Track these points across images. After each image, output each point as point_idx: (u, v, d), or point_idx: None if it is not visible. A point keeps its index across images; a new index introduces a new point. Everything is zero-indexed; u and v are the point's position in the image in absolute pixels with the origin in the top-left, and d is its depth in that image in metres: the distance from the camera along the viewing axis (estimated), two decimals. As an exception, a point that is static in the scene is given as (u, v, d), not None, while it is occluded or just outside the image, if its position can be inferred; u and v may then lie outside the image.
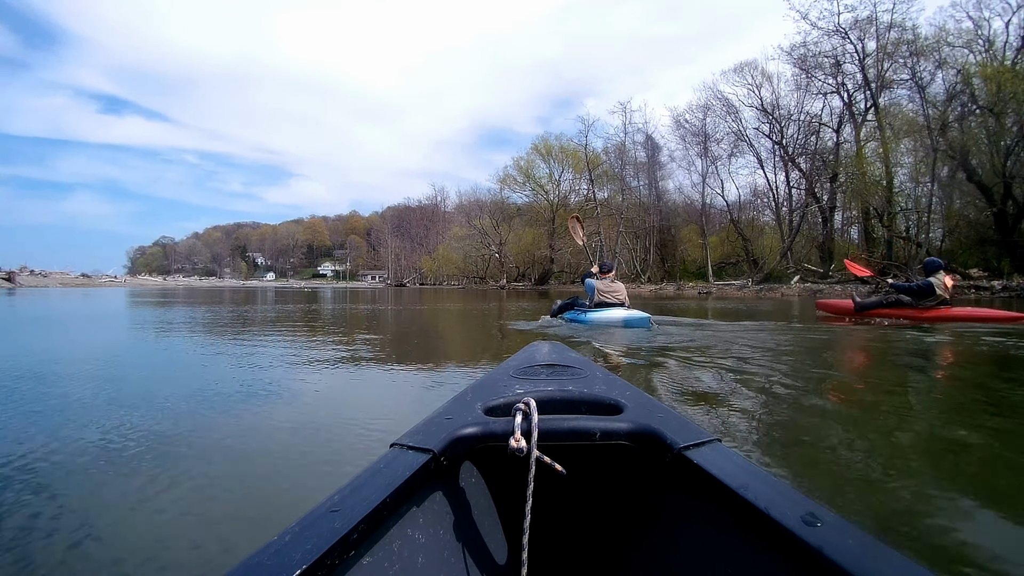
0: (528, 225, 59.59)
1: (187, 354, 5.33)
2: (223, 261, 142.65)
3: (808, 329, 7.37)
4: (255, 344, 6.11)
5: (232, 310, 12.95)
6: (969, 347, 5.44)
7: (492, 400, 1.07)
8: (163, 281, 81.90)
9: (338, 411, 2.92)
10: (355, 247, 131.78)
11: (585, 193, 53.20)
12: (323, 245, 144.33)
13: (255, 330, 7.97)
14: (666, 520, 0.86)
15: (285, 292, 31.96)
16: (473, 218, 65.85)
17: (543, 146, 57.93)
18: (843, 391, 3.44)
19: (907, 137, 29.31)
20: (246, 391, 3.27)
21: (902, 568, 0.56)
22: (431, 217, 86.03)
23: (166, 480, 1.79)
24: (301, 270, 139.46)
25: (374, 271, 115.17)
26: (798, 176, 37.28)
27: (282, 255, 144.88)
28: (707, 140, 42.25)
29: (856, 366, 4.64)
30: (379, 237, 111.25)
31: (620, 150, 47.43)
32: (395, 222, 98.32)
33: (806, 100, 35.78)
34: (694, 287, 34.70)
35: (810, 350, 5.34)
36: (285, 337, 6.94)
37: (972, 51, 28.14)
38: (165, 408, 2.82)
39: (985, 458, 2.06)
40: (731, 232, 43.59)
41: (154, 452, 2.08)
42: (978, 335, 6.18)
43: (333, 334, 7.57)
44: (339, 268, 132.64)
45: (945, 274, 7.91)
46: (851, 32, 31.36)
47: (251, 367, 4.28)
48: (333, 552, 0.62)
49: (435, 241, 78.76)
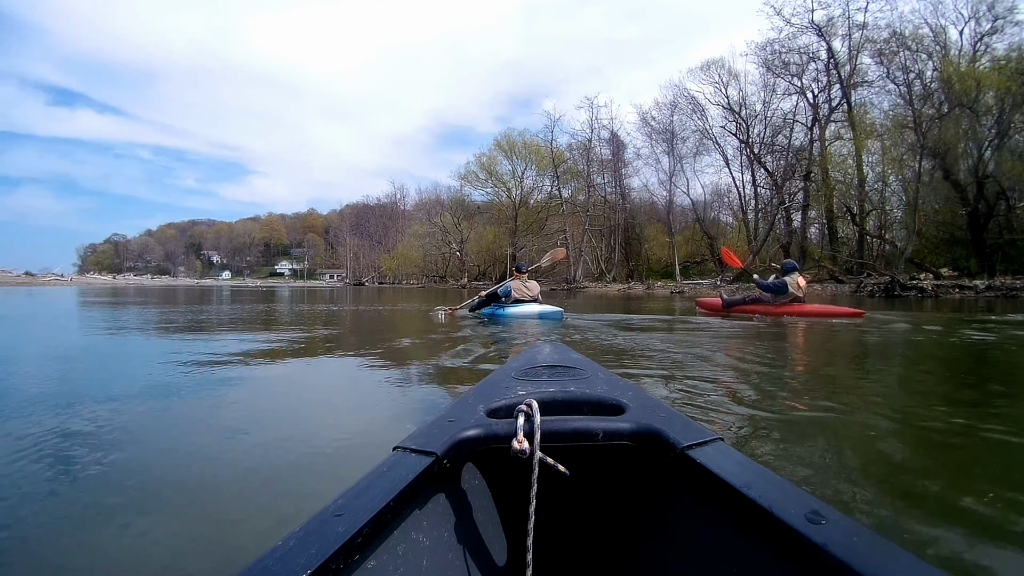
0: (490, 223, 56.94)
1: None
2: (177, 259, 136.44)
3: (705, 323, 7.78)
4: (191, 352, 4.86)
5: (181, 312, 10.88)
6: (907, 338, 6.02)
7: (494, 402, 1.05)
8: (112, 280, 77.10)
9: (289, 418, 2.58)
10: (313, 245, 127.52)
11: (548, 190, 51.01)
12: (280, 243, 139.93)
13: (201, 336, 6.36)
14: (670, 520, 0.85)
15: (241, 291, 29.83)
16: (434, 215, 63.58)
17: (506, 142, 55.19)
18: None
19: (881, 135, 28.10)
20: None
21: (908, 566, 0.55)
22: (390, 215, 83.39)
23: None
24: (258, 269, 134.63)
25: (333, 270, 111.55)
26: (764, 175, 36.00)
27: (238, 253, 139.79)
28: (674, 138, 40.65)
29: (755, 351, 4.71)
30: (337, 235, 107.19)
31: (585, 147, 45.21)
32: (354, 220, 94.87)
33: (775, 98, 34.55)
34: (663, 286, 32.80)
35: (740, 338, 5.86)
36: (234, 342, 5.73)
37: (932, 57, 27.41)
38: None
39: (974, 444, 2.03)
40: (696, 231, 42.08)
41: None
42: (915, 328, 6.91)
43: (286, 341, 6.21)
44: (297, 267, 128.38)
45: (799, 275, 8.87)
46: (825, 29, 30.09)
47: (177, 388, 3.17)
48: (337, 556, 0.61)
49: (394, 239, 76.45)
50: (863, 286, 21.95)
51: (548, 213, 50.15)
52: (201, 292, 27.13)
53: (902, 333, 6.47)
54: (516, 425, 0.86)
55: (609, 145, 45.71)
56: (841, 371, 3.99)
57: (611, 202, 45.62)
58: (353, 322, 8.90)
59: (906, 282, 20.11)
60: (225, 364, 3.98)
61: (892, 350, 5.18)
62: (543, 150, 50.06)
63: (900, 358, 4.70)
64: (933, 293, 19.33)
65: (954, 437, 2.10)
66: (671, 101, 40.18)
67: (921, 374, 3.90)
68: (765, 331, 6.55)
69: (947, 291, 19.98)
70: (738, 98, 36.42)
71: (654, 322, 8.02)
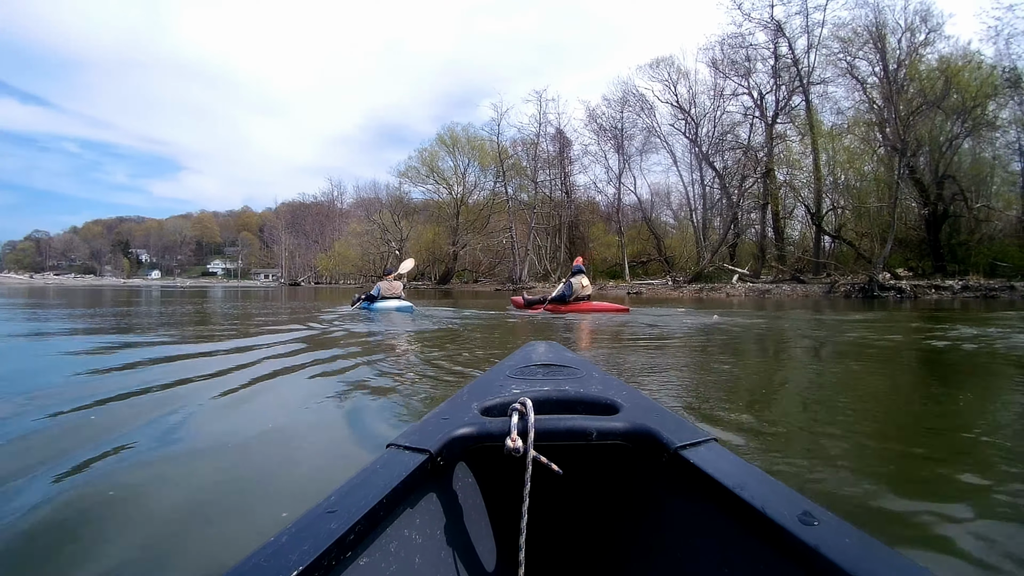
0: (430, 221, 52.59)
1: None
2: (103, 258, 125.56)
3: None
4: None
5: (92, 316, 8.40)
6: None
7: (488, 400, 1.01)
8: (30, 279, 67.98)
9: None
10: (247, 244, 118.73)
11: (492, 187, 47.32)
12: (213, 242, 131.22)
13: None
14: (663, 519, 0.82)
15: (171, 292, 26.12)
16: (372, 213, 59.01)
17: (449, 137, 50.47)
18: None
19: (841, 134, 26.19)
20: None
21: (899, 566, 0.54)
22: (327, 214, 77.54)
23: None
24: (189, 268, 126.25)
25: (267, 269, 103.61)
26: (712, 175, 33.88)
27: (169, 252, 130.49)
28: (622, 136, 38.02)
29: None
30: (273, 234, 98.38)
31: (532, 143, 41.79)
32: (290, 218, 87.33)
33: (724, 97, 32.31)
34: (615, 286, 29.83)
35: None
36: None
37: (871, 65, 26.06)
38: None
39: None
40: (643, 230, 39.51)
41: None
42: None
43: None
44: (230, 266, 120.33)
45: (583, 277, 9.82)
46: (784, 25, 28.02)
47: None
48: (330, 553, 0.60)
49: (331, 238, 70.97)
50: (837, 286, 19.63)
51: (492, 211, 46.53)
52: (129, 293, 23.17)
53: (643, 324, 6.94)
54: (510, 423, 0.83)
55: (555, 142, 42.56)
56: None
57: (556, 200, 42.49)
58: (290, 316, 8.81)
59: (885, 283, 17.90)
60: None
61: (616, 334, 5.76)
62: (487, 146, 46.07)
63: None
64: (912, 294, 17.55)
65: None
66: (620, 98, 37.57)
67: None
68: (515, 322, 7.59)
69: (924, 291, 17.96)
70: (688, 96, 34.15)
71: (479, 315, 9.09)
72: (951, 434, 2.01)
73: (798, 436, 1.92)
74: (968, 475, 1.52)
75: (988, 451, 1.77)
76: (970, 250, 23.73)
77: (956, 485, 1.47)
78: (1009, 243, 23.36)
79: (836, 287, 19.44)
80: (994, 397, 2.84)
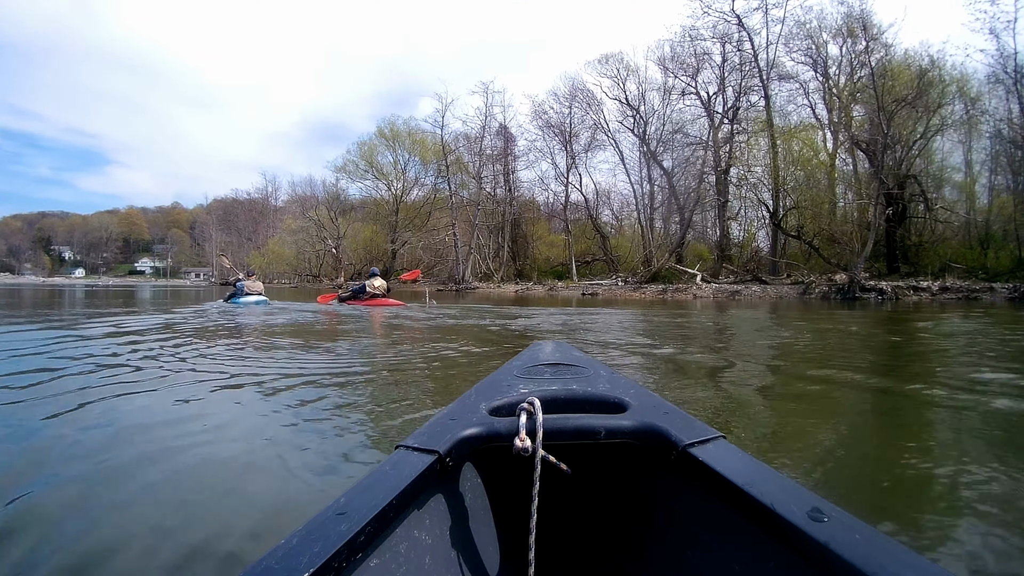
0: (368, 219, 47.75)
1: None
2: (23, 255, 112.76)
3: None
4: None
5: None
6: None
7: (496, 400, 0.98)
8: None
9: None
10: (177, 242, 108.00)
11: (433, 184, 43.10)
12: (141, 239, 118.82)
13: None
14: (672, 518, 0.80)
15: (95, 292, 23.00)
16: (308, 210, 53.31)
17: (390, 130, 45.56)
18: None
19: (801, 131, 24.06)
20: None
21: (909, 563, 0.53)
22: (261, 210, 71.04)
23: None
24: (116, 266, 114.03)
25: (198, 268, 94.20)
26: (660, 174, 31.37)
27: (94, 249, 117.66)
28: (571, 132, 34.96)
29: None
30: (204, 231, 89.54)
31: (477, 137, 38.06)
32: (221, 215, 79.75)
33: (686, 93, 29.69)
34: (565, 287, 26.53)
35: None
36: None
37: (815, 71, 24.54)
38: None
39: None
40: (588, 229, 36.60)
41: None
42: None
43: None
44: (159, 264, 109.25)
45: (378, 279, 11.16)
46: (745, 20, 25.67)
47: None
48: (340, 555, 0.58)
49: (265, 236, 64.83)
50: (813, 286, 17.11)
51: (433, 207, 42.41)
52: (51, 293, 20.32)
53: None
54: (518, 423, 0.80)
55: (499, 137, 38.99)
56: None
57: (499, 197, 38.98)
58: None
59: (866, 283, 15.49)
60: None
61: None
62: (428, 140, 41.73)
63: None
64: (894, 295, 15.27)
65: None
66: (569, 93, 34.52)
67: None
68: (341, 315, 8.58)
69: (904, 293, 15.75)
70: (637, 93, 31.42)
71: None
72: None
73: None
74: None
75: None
76: (921, 252, 22.27)
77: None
78: (959, 244, 22.07)
79: (811, 288, 16.89)
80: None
